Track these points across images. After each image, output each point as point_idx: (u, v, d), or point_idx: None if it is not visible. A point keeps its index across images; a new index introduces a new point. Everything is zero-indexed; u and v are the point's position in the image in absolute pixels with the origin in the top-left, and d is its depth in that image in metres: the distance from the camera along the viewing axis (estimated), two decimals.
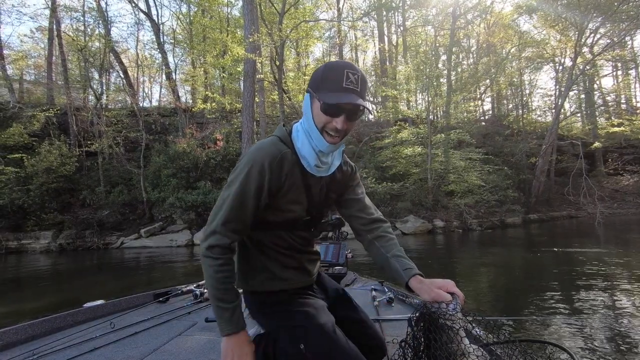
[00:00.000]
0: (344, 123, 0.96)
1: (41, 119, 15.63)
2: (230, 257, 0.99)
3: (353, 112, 0.96)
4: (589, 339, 3.28)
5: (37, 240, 13.10)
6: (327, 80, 0.95)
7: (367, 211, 1.19)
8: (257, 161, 0.97)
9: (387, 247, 1.12)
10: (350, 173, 1.20)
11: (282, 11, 14.23)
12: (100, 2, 17.72)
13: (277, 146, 1.01)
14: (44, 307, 5.16)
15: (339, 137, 0.99)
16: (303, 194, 1.06)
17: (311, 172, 1.04)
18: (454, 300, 0.87)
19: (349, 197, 1.20)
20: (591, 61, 17.85)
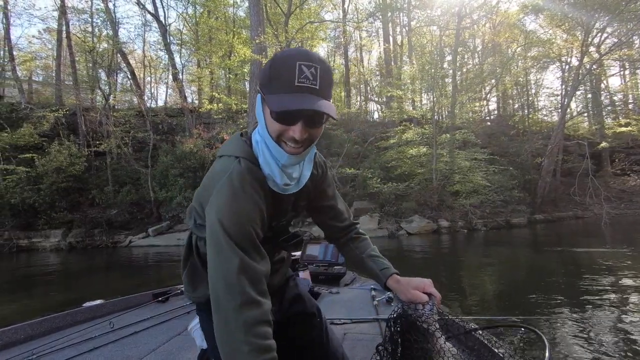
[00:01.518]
0: (303, 131, 0.75)
1: (51, 120, 15.88)
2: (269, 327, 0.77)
3: (311, 117, 0.74)
4: (591, 338, 3.31)
5: (47, 239, 13.34)
6: (276, 79, 0.74)
7: (341, 217, 1.09)
8: (239, 188, 0.81)
9: (361, 247, 1.05)
10: (320, 175, 1.02)
11: (288, 12, 14.33)
12: (108, 4, 17.96)
13: (247, 168, 0.82)
14: (53, 304, 5.27)
15: (302, 147, 0.79)
16: (274, 209, 0.88)
17: (280, 192, 0.86)
18: (430, 301, 0.85)
19: (321, 204, 1.06)
20: (598, 61, 17.73)
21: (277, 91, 0.73)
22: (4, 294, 6.39)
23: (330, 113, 0.73)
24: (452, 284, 5.76)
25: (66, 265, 10.46)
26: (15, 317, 4.50)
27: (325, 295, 2.76)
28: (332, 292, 2.89)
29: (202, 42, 21.11)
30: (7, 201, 13.01)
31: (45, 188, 13.47)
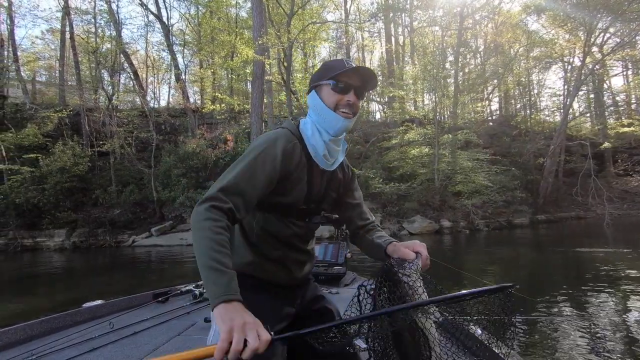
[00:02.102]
0: (354, 97, 1.03)
1: (54, 120, 15.99)
2: (229, 225, 0.89)
3: (359, 87, 1.04)
4: (593, 338, 3.33)
5: (52, 238, 13.43)
6: (330, 69, 1.04)
7: (364, 216, 1.24)
8: (274, 143, 1.00)
9: (374, 234, 1.17)
10: (350, 176, 1.24)
11: (290, 13, 14.36)
12: (111, 5, 18.07)
13: (287, 137, 1.04)
14: (57, 303, 5.29)
15: (352, 114, 1.05)
16: (305, 183, 1.07)
17: (318, 163, 1.08)
18: (416, 258, 0.90)
19: (348, 200, 1.23)
20: (600, 61, 17.71)
21: (332, 73, 1.02)
22: (9, 293, 6.44)
23: (372, 79, 1.05)
24: (453, 284, 5.79)
25: (70, 264, 10.54)
26: (19, 316, 4.56)
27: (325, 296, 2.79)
28: (332, 293, 2.89)
29: (204, 42, 21.18)
30: (12, 201, 13.10)
31: (50, 188, 13.56)
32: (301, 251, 1.16)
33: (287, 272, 1.12)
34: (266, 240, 1.09)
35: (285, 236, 1.10)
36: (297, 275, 1.15)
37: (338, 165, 1.15)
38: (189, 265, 8.87)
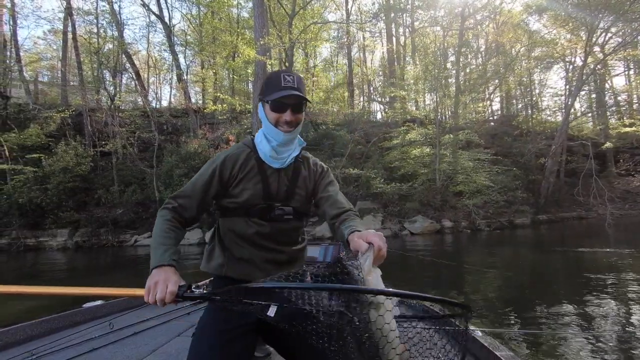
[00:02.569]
0: (291, 115, 1.13)
1: (57, 120, 16.06)
2: (177, 220, 1.14)
3: (295, 105, 1.13)
4: (594, 338, 3.35)
5: (54, 238, 13.50)
6: (269, 86, 1.14)
7: (337, 205, 1.22)
8: (218, 157, 1.22)
9: (346, 222, 1.13)
10: (320, 172, 1.30)
11: (292, 14, 14.40)
12: (113, 5, 18.13)
13: (239, 147, 1.24)
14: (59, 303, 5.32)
15: (292, 128, 1.15)
16: (259, 182, 1.18)
17: (267, 162, 1.19)
18: (368, 249, 0.85)
19: (321, 195, 1.26)
20: (602, 61, 17.70)
21: (271, 92, 1.12)
22: None
23: (301, 94, 1.12)
24: (454, 284, 5.81)
25: (73, 264, 10.58)
26: (21, 315, 4.55)
27: None
28: None
29: (206, 42, 21.23)
30: (15, 201, 13.17)
31: (52, 188, 13.63)
32: (274, 250, 1.22)
33: (262, 271, 1.19)
34: (233, 240, 1.21)
35: (249, 235, 1.19)
36: (270, 274, 1.18)
37: (303, 164, 1.27)
38: (190, 264, 8.92)
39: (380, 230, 8.79)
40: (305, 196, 1.26)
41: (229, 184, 1.19)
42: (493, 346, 1.38)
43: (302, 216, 1.28)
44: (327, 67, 28.56)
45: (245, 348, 1.07)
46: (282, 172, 1.22)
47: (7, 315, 4.72)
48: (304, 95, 1.14)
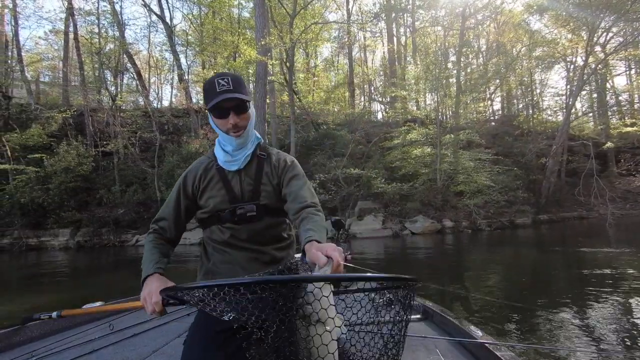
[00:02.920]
0: (234, 118, 1.12)
1: (59, 120, 16.12)
2: (160, 239, 1.23)
3: (236, 107, 1.12)
4: (595, 338, 3.37)
5: (56, 238, 13.55)
6: (206, 94, 1.13)
7: (299, 199, 1.16)
8: (182, 175, 1.28)
9: (304, 225, 1.06)
10: (283, 166, 1.25)
11: (293, 14, 14.43)
12: (114, 6, 18.17)
13: (199, 160, 1.29)
14: (62, 302, 5.32)
15: (240, 130, 1.16)
16: (222, 188, 1.21)
17: (224, 167, 1.22)
18: (327, 264, 0.80)
19: (285, 192, 1.22)
20: (603, 60, 17.68)
21: (209, 99, 1.11)
22: (14, 292, 6.51)
23: (240, 97, 1.10)
24: (456, 284, 5.83)
25: (74, 264, 10.62)
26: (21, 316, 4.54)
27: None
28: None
29: (207, 43, 21.27)
30: (17, 200, 13.24)
31: (54, 188, 13.68)
32: (255, 251, 1.23)
33: (241, 270, 1.21)
34: (215, 248, 1.25)
35: (227, 240, 1.22)
36: (254, 273, 1.20)
37: (266, 160, 1.27)
38: (191, 264, 8.95)
39: (381, 230, 8.86)
40: (273, 192, 1.24)
41: (195, 197, 1.24)
42: (493, 346, 1.40)
43: (276, 213, 1.25)
44: (327, 67, 28.60)
45: (239, 348, 1.04)
46: (242, 173, 1.23)
47: (7, 317, 4.74)
48: (241, 95, 1.11)
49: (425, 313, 2.11)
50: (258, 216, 1.21)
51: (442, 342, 1.67)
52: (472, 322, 1.76)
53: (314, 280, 0.70)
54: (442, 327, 1.89)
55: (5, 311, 5.04)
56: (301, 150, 17.16)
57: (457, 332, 1.70)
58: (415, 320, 2.05)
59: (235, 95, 1.09)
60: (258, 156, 1.25)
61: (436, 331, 1.86)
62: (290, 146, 15.67)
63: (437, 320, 1.97)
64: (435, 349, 1.60)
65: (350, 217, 14.12)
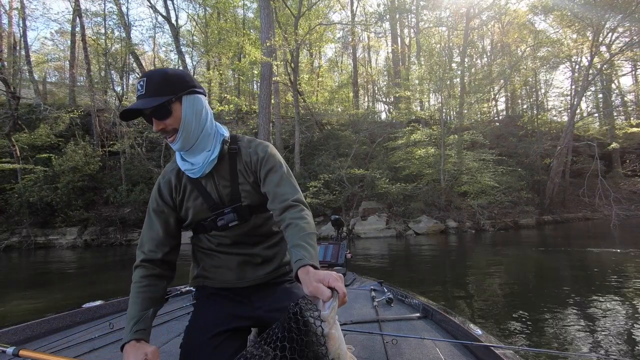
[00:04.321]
0: (157, 124, 0.99)
1: (66, 120, 16.32)
2: (149, 276, 1.04)
3: (154, 112, 0.97)
4: (597, 338, 3.40)
5: (64, 236, 13.73)
6: None
7: (279, 198, 1.04)
8: (154, 190, 1.13)
9: (290, 236, 0.95)
10: (256, 160, 1.11)
11: (298, 15, 14.52)
12: (120, 7, 18.34)
13: (169, 167, 1.15)
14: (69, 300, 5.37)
15: (171, 135, 1.01)
16: (198, 197, 1.10)
17: (189, 176, 1.09)
18: (333, 297, 0.71)
19: (264, 189, 1.10)
20: (609, 61, 17.61)
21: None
22: (23, 289, 6.61)
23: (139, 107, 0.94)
24: (458, 284, 5.88)
25: (82, 262, 10.73)
26: (20, 315, 4.61)
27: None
28: None
29: (212, 43, 21.40)
30: (26, 199, 13.42)
31: (62, 187, 13.86)
32: (245, 254, 1.16)
33: (232, 273, 1.16)
34: (204, 253, 1.19)
35: (214, 248, 1.16)
36: (245, 276, 1.17)
37: (237, 155, 1.13)
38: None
39: (385, 230, 8.90)
40: (253, 190, 1.12)
41: (175, 207, 1.12)
42: (492, 344, 1.41)
43: (261, 210, 1.14)
44: (331, 68, 28.65)
45: (234, 349, 1.04)
46: (215, 175, 1.10)
47: (6, 316, 4.75)
48: (154, 99, 0.95)
49: (425, 311, 2.11)
50: (241, 221, 1.12)
51: (442, 341, 1.67)
52: (473, 321, 1.77)
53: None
54: (442, 325, 1.90)
55: (12, 309, 5.08)
56: (305, 151, 17.25)
57: (457, 330, 1.70)
58: (415, 319, 2.06)
59: (143, 102, 0.94)
60: (229, 152, 1.11)
61: (436, 330, 1.86)
62: (295, 146, 15.77)
63: (437, 318, 1.97)
64: (435, 348, 1.60)
65: (354, 217, 14.19)
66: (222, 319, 1.09)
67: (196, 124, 1.03)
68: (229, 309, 1.12)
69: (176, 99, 0.99)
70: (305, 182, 14.48)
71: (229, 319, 1.09)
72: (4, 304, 5.29)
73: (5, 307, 5.12)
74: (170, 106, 0.98)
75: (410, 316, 2.08)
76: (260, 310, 1.13)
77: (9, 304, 5.33)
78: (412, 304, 2.31)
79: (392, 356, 1.52)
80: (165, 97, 0.96)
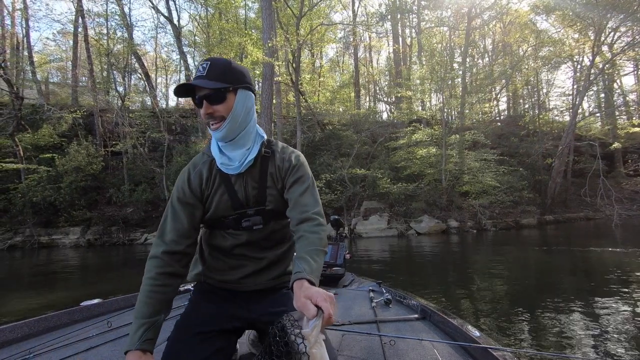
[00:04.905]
0: (207, 107, 0.99)
1: (69, 120, 16.40)
2: (165, 274, 1.01)
3: (208, 96, 0.99)
4: (599, 338, 3.42)
5: (67, 236, 13.81)
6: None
7: (299, 208, 1.04)
8: (179, 181, 1.10)
9: (299, 248, 0.96)
10: (287, 167, 1.11)
11: (299, 15, 14.55)
12: (123, 8, 18.42)
13: (199, 158, 1.13)
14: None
15: (217, 122, 1.02)
16: (225, 193, 1.09)
17: (224, 170, 1.08)
18: (317, 315, 0.69)
19: (287, 195, 1.10)
20: (611, 60, 17.58)
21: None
22: (27, 289, 6.65)
23: (196, 84, 0.96)
24: (459, 284, 5.91)
25: (85, 261, 10.80)
26: (18, 313, 4.63)
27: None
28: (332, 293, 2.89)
29: (213, 44, 21.45)
30: (29, 199, 13.51)
31: (65, 187, 13.94)
32: (253, 258, 1.16)
33: (240, 277, 1.15)
34: (211, 253, 1.18)
35: (227, 247, 1.14)
36: (250, 280, 1.16)
37: (270, 159, 1.12)
38: None
39: (387, 229, 8.92)
40: (279, 196, 1.13)
41: (202, 199, 1.10)
42: (492, 348, 1.41)
43: (281, 216, 1.15)
44: (333, 67, 28.68)
45: (217, 348, 1.05)
46: (246, 175, 1.10)
47: (4, 313, 4.76)
48: (214, 82, 0.98)
49: (423, 312, 2.10)
50: (264, 224, 1.13)
51: (440, 342, 1.67)
52: (471, 323, 1.77)
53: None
54: (440, 326, 1.90)
55: (17, 308, 5.10)
56: (307, 151, 17.28)
57: (456, 331, 1.70)
58: (413, 320, 2.05)
59: (203, 82, 0.97)
60: (263, 155, 1.12)
61: (434, 331, 1.86)
62: (297, 146, 15.80)
63: (435, 319, 1.97)
64: (433, 349, 1.60)
65: (356, 217, 14.22)
66: (214, 318, 1.09)
67: (243, 118, 1.05)
68: (224, 309, 1.12)
69: (233, 89, 1.01)
70: None
71: (222, 319, 1.10)
72: (7, 303, 5.34)
73: (8, 306, 5.16)
74: (226, 94, 1.01)
75: (409, 317, 2.08)
76: (255, 313, 1.13)
77: (13, 302, 5.37)
78: (411, 305, 2.31)
79: (390, 357, 1.52)
80: (225, 84, 0.99)
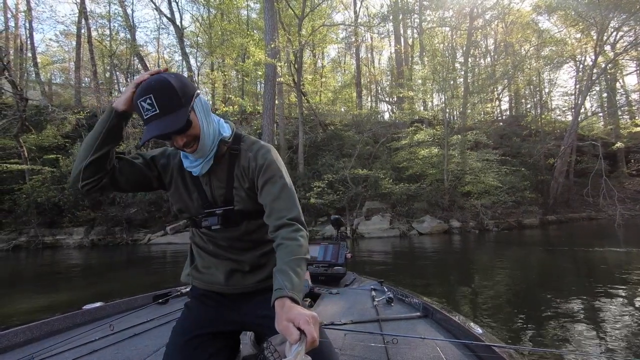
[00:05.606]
0: (180, 139, 0.93)
1: (72, 121, 16.50)
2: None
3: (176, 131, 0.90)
4: (601, 338, 3.43)
5: (71, 236, 13.89)
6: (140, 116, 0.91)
7: (274, 214, 0.97)
8: (161, 149, 1.12)
9: (278, 258, 0.89)
10: (254, 167, 1.04)
11: (302, 16, 14.59)
12: (126, 9, 18.51)
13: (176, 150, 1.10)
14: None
15: (191, 145, 0.96)
16: (195, 191, 1.08)
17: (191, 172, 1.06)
18: (300, 340, 0.65)
19: (260, 200, 1.04)
20: (613, 60, 17.55)
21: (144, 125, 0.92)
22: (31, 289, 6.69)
23: (168, 131, 0.87)
24: (461, 283, 5.93)
25: (89, 261, 10.86)
26: (20, 317, 4.59)
27: (325, 296, 2.74)
28: (332, 293, 2.84)
29: (215, 44, 21.52)
30: (34, 200, 13.59)
31: (69, 187, 14.01)
32: (233, 260, 1.12)
33: (214, 278, 1.13)
34: (197, 251, 1.18)
35: (203, 246, 1.13)
36: (235, 282, 1.13)
37: (237, 158, 1.07)
38: None
39: (389, 230, 8.93)
40: (247, 197, 1.07)
41: (161, 179, 1.09)
42: (494, 345, 1.41)
43: (255, 216, 1.08)
44: (334, 68, 28.71)
45: (213, 351, 1.05)
46: (211, 175, 1.06)
47: (10, 314, 4.79)
48: (174, 115, 0.88)
49: (425, 311, 2.10)
50: (228, 225, 1.08)
51: (443, 340, 1.68)
52: (474, 321, 1.79)
53: None
54: (442, 324, 1.90)
55: (22, 308, 5.11)
56: (309, 151, 17.33)
57: (458, 329, 1.71)
58: (415, 318, 2.06)
59: (166, 123, 0.87)
60: (230, 153, 1.06)
61: (436, 329, 1.86)
62: (299, 147, 15.85)
63: (438, 318, 1.97)
64: (435, 347, 1.60)
65: (358, 217, 14.25)
66: (208, 321, 1.09)
67: (209, 126, 0.98)
68: (216, 313, 1.12)
69: (191, 108, 0.91)
70: (309, 182, 14.56)
71: (215, 322, 1.10)
72: (13, 303, 5.37)
73: (14, 307, 5.19)
74: (189, 115, 0.91)
75: (411, 315, 2.10)
76: (247, 316, 1.12)
77: (18, 303, 5.41)
78: (413, 304, 2.32)
79: (393, 356, 1.52)
80: (183, 108, 0.89)
